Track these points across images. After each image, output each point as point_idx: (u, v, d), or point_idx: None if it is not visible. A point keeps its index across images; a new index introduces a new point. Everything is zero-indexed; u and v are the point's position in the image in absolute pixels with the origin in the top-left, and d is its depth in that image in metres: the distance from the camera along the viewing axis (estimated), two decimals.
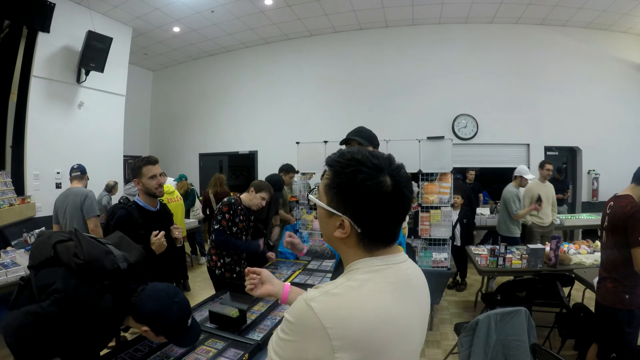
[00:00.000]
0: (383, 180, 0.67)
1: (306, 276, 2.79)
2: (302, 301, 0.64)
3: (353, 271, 0.69)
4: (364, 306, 0.63)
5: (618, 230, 1.98)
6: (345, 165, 0.69)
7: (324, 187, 0.73)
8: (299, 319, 0.64)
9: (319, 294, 0.64)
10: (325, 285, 0.67)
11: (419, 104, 6.48)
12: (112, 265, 1.25)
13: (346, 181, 0.68)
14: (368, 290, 0.65)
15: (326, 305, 0.62)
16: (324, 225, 0.76)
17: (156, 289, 1.29)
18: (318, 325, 0.60)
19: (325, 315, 0.61)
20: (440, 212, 3.51)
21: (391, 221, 0.70)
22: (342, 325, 0.60)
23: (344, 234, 0.70)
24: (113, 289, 1.24)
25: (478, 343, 2.02)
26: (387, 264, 0.70)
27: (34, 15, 4.48)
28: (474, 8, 5.76)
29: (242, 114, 7.67)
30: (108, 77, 5.57)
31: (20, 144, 4.76)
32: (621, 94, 6.17)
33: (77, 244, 1.26)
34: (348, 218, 0.69)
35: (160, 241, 1.93)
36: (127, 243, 1.46)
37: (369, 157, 0.69)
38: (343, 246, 0.74)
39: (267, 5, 5.68)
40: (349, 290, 0.65)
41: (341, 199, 0.69)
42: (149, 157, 2.06)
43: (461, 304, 4.05)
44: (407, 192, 0.70)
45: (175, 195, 4.25)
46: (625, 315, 1.99)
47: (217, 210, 2.69)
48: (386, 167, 0.69)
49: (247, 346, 1.63)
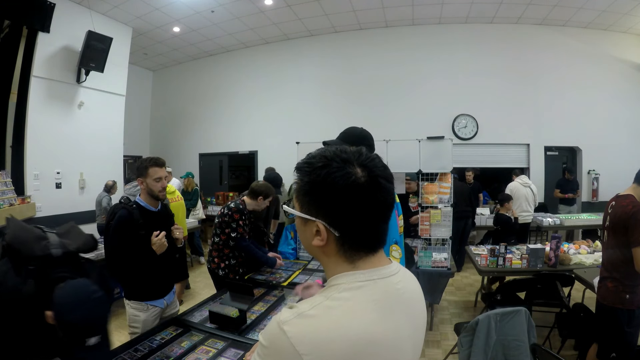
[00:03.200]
0: (352, 172, 0.60)
1: (306, 276, 2.79)
2: (275, 324, 0.58)
3: (332, 287, 0.62)
4: (343, 329, 0.56)
5: (619, 230, 1.98)
6: (312, 165, 0.63)
7: (296, 194, 0.67)
8: (272, 343, 0.57)
9: (292, 316, 0.57)
10: (300, 304, 0.61)
11: (419, 104, 6.48)
12: (43, 251, 1.21)
13: (313, 180, 0.62)
14: (348, 310, 0.58)
15: (300, 328, 0.56)
16: (302, 235, 0.69)
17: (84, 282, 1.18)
18: (291, 350, 0.54)
19: (300, 340, 0.54)
20: (440, 212, 3.51)
21: (370, 219, 0.62)
22: (318, 351, 0.54)
23: (322, 240, 0.63)
24: (38, 274, 1.18)
25: (478, 343, 2.02)
26: (372, 278, 0.63)
27: (34, 15, 4.47)
28: (474, 8, 5.76)
29: (242, 114, 7.67)
30: (108, 77, 5.56)
31: (20, 144, 4.75)
32: (621, 94, 6.17)
33: (8, 229, 1.25)
34: (322, 221, 0.62)
35: (161, 241, 1.93)
36: (77, 232, 1.41)
37: (337, 152, 0.64)
38: (323, 257, 0.67)
39: (267, 5, 5.68)
40: (327, 311, 0.57)
41: (312, 202, 0.63)
42: (157, 159, 2.03)
43: (461, 304, 4.05)
44: (383, 182, 0.62)
45: (176, 195, 4.24)
46: (626, 315, 1.99)
47: (225, 216, 2.66)
48: (354, 158, 0.62)
49: (247, 346, 1.63)
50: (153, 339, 1.73)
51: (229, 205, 2.74)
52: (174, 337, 1.75)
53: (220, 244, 2.70)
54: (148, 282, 2.00)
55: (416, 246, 3.55)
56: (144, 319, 1.96)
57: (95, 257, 3.59)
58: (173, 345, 1.68)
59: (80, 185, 5.43)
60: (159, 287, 2.06)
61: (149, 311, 1.98)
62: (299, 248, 3.57)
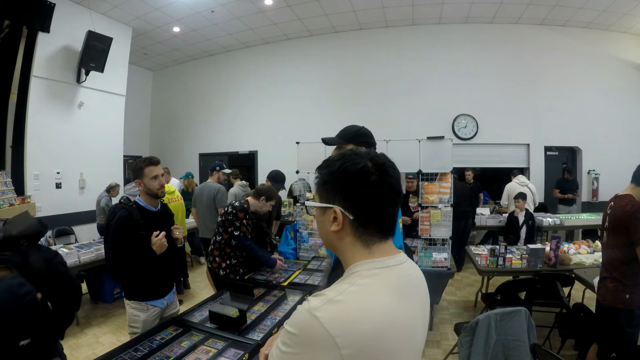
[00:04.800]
0: (364, 163, 0.70)
1: (306, 276, 2.79)
2: (305, 311, 0.62)
3: (353, 275, 0.68)
4: (369, 311, 0.62)
5: (619, 230, 1.98)
6: (330, 160, 0.75)
7: (315, 187, 0.77)
8: (303, 330, 0.62)
9: (322, 302, 0.62)
10: (326, 292, 0.66)
11: (419, 104, 6.48)
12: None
13: (330, 170, 0.73)
14: (372, 294, 0.65)
15: (331, 313, 0.60)
16: (320, 226, 0.77)
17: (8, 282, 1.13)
18: (325, 335, 0.59)
19: (332, 324, 0.59)
20: (440, 212, 3.51)
21: (380, 201, 0.70)
22: (349, 333, 0.59)
23: (338, 225, 0.71)
24: None
25: (478, 343, 2.02)
26: (388, 265, 0.70)
27: (34, 15, 4.47)
28: (474, 8, 5.77)
29: (242, 114, 7.67)
30: (108, 77, 5.57)
31: (20, 144, 4.76)
32: (621, 94, 6.17)
33: None
34: (339, 207, 0.71)
35: (160, 241, 1.93)
36: (23, 218, 1.43)
37: (351, 151, 0.76)
38: (339, 243, 0.74)
39: (267, 5, 5.68)
40: (353, 296, 0.64)
41: (329, 189, 0.72)
42: (151, 158, 2.04)
43: (461, 304, 4.05)
44: (390, 169, 0.72)
45: (176, 195, 4.25)
46: (626, 315, 1.99)
47: (229, 215, 2.67)
48: (365, 155, 0.73)
49: (247, 346, 1.63)
50: (153, 339, 1.74)
51: (233, 204, 2.74)
52: (174, 337, 1.76)
53: (222, 242, 2.70)
54: (148, 282, 2.00)
55: (416, 246, 3.56)
56: (144, 319, 1.96)
57: (96, 257, 3.60)
58: (173, 345, 1.68)
59: (80, 185, 5.43)
60: (159, 287, 2.06)
61: (149, 311, 1.98)
62: (299, 248, 3.57)
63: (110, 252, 1.97)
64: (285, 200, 5.42)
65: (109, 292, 4.10)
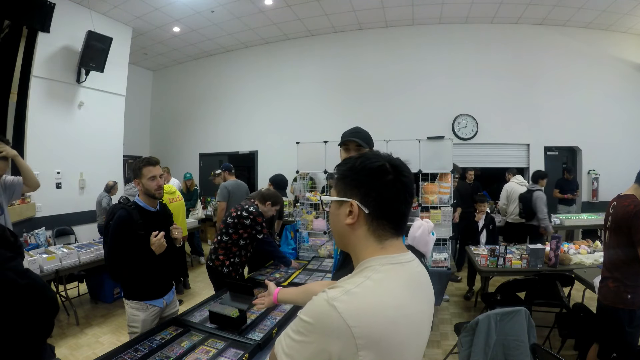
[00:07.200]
0: (382, 163, 0.75)
1: (306, 276, 2.80)
2: (323, 301, 0.64)
3: (368, 269, 0.71)
4: (385, 304, 0.65)
5: (621, 230, 1.98)
6: (351, 159, 0.80)
7: (334, 182, 0.81)
8: (319, 319, 0.63)
9: (340, 293, 0.65)
10: (343, 284, 0.68)
11: (419, 104, 6.47)
12: None
13: (350, 167, 0.77)
14: (387, 288, 0.68)
15: (349, 304, 0.63)
16: (334, 219, 0.80)
17: None
18: (342, 324, 0.61)
19: (349, 314, 0.61)
20: (440, 212, 3.50)
21: (394, 199, 0.74)
22: (365, 324, 0.61)
23: (353, 219, 0.74)
24: None
25: (478, 343, 2.02)
26: (400, 262, 0.74)
27: (34, 15, 4.46)
28: (474, 8, 5.76)
29: (242, 114, 7.67)
30: (108, 77, 5.56)
31: (20, 144, 4.74)
32: (621, 94, 6.16)
33: None
34: (355, 200, 0.74)
35: (159, 241, 1.93)
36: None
37: (372, 153, 0.80)
38: (352, 236, 0.76)
39: (267, 5, 5.68)
40: (369, 289, 0.66)
41: (348, 184, 0.76)
42: (149, 158, 2.05)
43: (461, 304, 4.05)
44: (406, 172, 0.77)
45: (176, 195, 4.25)
46: (627, 315, 1.99)
47: (245, 219, 2.70)
48: (384, 156, 0.78)
49: (247, 346, 1.63)
50: (153, 339, 1.73)
51: (247, 209, 2.73)
52: (174, 337, 1.75)
53: (229, 242, 2.73)
54: (147, 282, 2.00)
55: None
56: (143, 318, 1.96)
57: (96, 257, 3.60)
58: (173, 345, 1.68)
59: (80, 185, 5.43)
60: (158, 286, 2.06)
61: (148, 311, 1.98)
62: (299, 248, 3.58)
63: (110, 252, 1.97)
64: (285, 201, 5.42)
65: (109, 292, 4.11)
